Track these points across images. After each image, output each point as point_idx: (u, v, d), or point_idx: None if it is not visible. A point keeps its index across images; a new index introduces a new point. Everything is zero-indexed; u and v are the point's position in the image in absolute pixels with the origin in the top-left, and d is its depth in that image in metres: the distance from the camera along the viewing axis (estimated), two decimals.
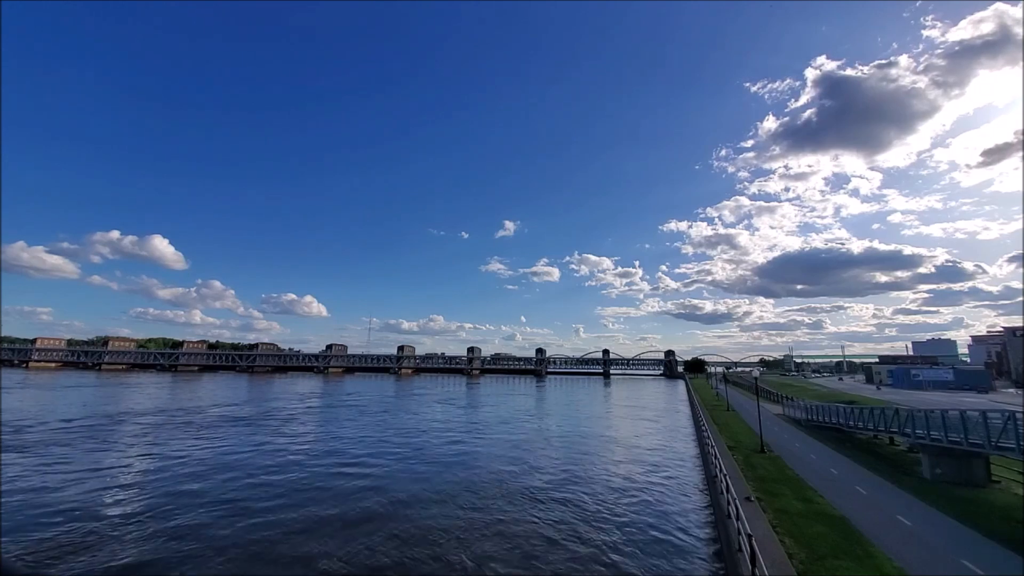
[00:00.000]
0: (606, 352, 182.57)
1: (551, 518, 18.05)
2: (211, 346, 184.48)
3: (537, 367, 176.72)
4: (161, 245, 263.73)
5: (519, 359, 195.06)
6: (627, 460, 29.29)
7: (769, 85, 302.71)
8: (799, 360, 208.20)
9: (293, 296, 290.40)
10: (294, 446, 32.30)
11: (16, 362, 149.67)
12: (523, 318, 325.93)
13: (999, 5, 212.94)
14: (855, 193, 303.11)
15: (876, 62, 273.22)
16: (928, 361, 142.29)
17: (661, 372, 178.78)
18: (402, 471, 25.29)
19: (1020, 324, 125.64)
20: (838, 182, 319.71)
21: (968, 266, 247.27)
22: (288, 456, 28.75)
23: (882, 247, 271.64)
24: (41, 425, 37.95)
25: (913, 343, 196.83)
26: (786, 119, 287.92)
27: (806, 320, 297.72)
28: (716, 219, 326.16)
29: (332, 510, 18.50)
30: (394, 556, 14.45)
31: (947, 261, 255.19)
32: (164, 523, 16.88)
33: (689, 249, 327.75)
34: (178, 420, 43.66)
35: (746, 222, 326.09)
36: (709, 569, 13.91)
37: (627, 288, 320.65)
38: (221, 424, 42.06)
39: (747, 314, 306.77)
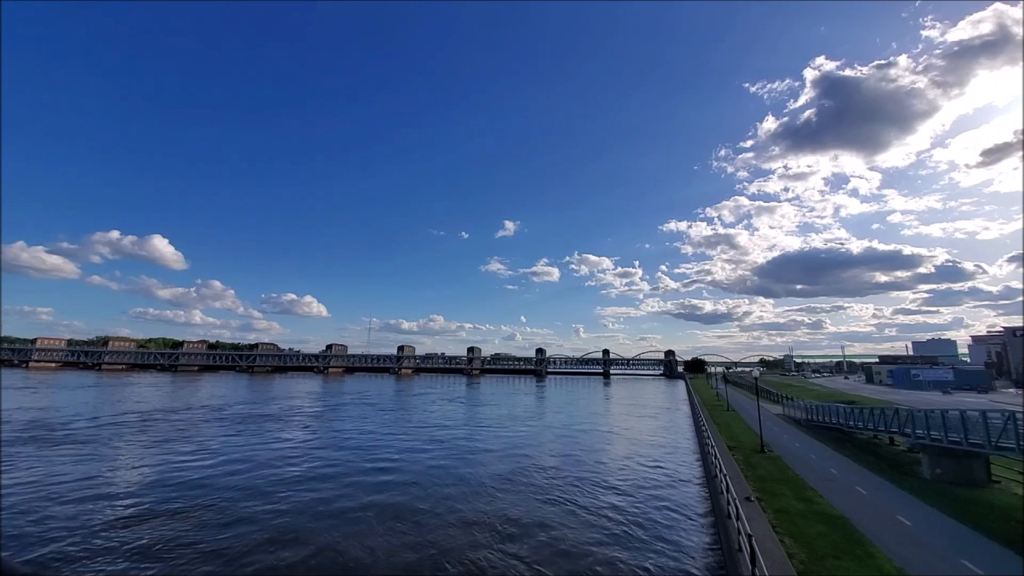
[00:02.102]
0: (606, 352, 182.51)
1: (561, 507, 19.62)
2: (211, 346, 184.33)
3: (537, 367, 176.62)
4: (161, 245, 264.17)
5: (519, 359, 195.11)
6: (628, 458, 29.38)
7: (768, 85, 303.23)
8: (799, 360, 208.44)
9: (293, 296, 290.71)
10: (338, 441, 34.04)
11: (16, 362, 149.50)
12: (523, 318, 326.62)
13: (998, 5, 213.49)
14: (854, 193, 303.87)
15: (875, 62, 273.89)
16: (928, 361, 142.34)
17: (661, 372, 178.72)
18: (441, 463, 27.39)
19: (1020, 324, 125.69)
20: (837, 182, 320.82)
21: (968, 266, 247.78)
22: (338, 450, 30.58)
23: (882, 247, 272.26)
24: (74, 423, 39.09)
25: (913, 343, 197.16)
26: (785, 119, 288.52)
27: (806, 320, 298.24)
28: (716, 219, 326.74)
29: (402, 495, 20.74)
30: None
31: (947, 261, 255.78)
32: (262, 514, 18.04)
33: (689, 249, 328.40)
34: (210, 417, 45.32)
35: (745, 222, 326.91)
36: (709, 568, 13.93)
37: (627, 288, 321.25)
38: (254, 420, 43.85)
39: (747, 314, 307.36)
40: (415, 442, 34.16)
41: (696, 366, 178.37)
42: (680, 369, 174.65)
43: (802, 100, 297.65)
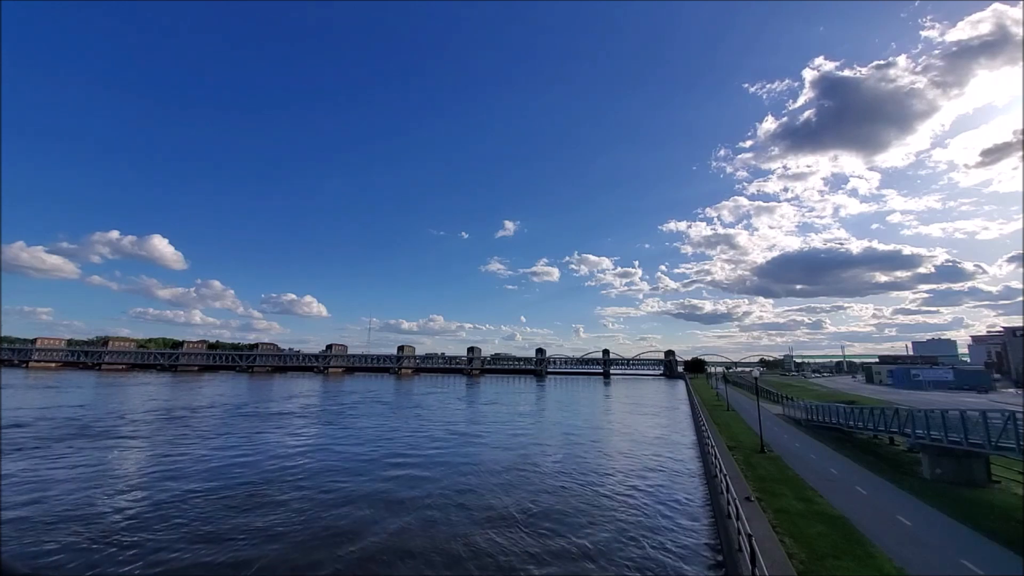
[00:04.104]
0: (606, 352, 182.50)
1: (577, 491, 22.18)
2: (211, 346, 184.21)
3: (537, 367, 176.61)
4: (161, 245, 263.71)
5: (519, 359, 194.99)
6: (630, 453, 29.74)
7: (768, 86, 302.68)
8: (799, 360, 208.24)
9: (293, 296, 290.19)
10: (369, 437, 35.96)
11: (16, 362, 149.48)
12: (523, 318, 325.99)
13: (997, 5, 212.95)
14: (854, 193, 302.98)
15: (875, 63, 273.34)
16: (928, 361, 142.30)
17: (661, 372, 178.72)
18: (468, 456, 30.01)
19: (1020, 324, 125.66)
20: (837, 182, 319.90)
21: (968, 266, 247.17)
22: (374, 445, 32.46)
23: (881, 247, 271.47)
24: (109, 420, 41.11)
25: (913, 343, 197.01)
26: (785, 120, 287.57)
27: (806, 320, 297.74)
28: (715, 219, 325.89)
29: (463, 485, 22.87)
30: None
31: (947, 261, 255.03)
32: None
33: (688, 249, 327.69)
34: (235, 414, 47.67)
35: (745, 222, 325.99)
36: (709, 568, 13.94)
37: (627, 288, 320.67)
38: (279, 417, 46.18)
39: (747, 314, 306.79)
40: (438, 436, 36.84)
41: (696, 366, 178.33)
42: (680, 369, 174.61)
43: (801, 100, 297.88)
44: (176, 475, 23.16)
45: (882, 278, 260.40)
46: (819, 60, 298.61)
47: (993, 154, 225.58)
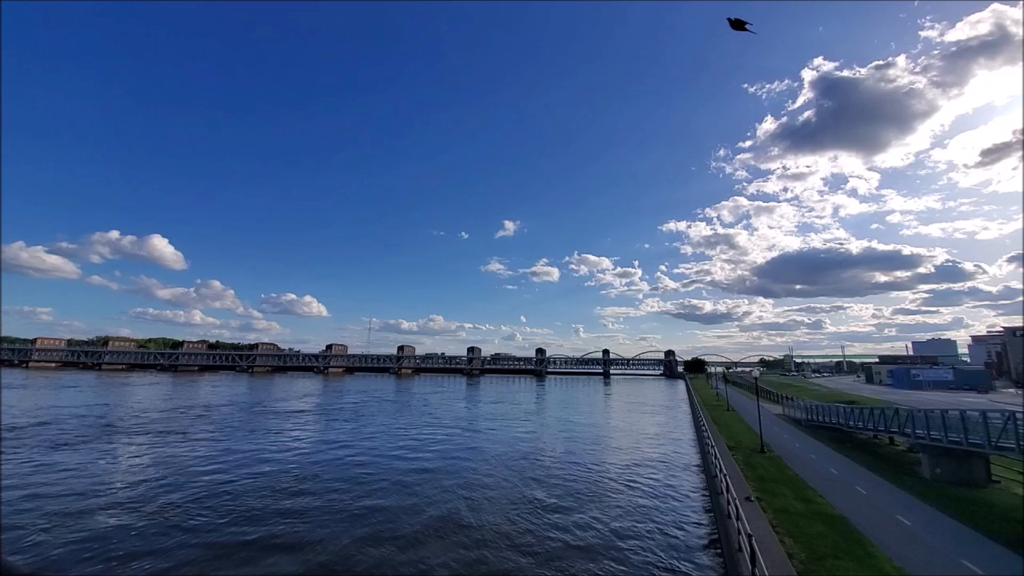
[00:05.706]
0: (606, 352, 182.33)
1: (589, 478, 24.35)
2: (211, 346, 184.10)
3: (537, 367, 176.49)
4: (161, 245, 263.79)
5: (519, 359, 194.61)
6: (630, 455, 29.76)
7: (767, 86, 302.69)
8: (799, 360, 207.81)
9: (293, 296, 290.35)
10: (391, 434, 37.38)
11: (16, 362, 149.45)
12: (523, 318, 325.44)
13: (997, 5, 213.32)
14: (853, 193, 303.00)
15: (874, 63, 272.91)
16: (928, 361, 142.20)
17: (661, 372, 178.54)
18: (485, 447, 32.50)
19: (1020, 324, 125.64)
20: (836, 182, 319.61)
21: (968, 266, 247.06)
22: (399, 441, 33.83)
23: (881, 247, 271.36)
24: (133, 418, 42.27)
25: (913, 343, 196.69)
26: (784, 120, 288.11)
27: (806, 320, 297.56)
28: (715, 219, 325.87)
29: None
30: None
31: (946, 261, 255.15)
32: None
33: (688, 249, 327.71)
34: (252, 412, 48.71)
35: (745, 222, 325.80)
36: (709, 568, 13.94)
37: (626, 288, 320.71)
38: (298, 416, 47.56)
39: (747, 314, 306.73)
40: (453, 433, 38.20)
41: (696, 366, 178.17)
42: (680, 369, 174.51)
43: (801, 101, 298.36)
44: (223, 468, 24.21)
45: (882, 278, 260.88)
46: (818, 60, 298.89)
47: (993, 154, 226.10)
